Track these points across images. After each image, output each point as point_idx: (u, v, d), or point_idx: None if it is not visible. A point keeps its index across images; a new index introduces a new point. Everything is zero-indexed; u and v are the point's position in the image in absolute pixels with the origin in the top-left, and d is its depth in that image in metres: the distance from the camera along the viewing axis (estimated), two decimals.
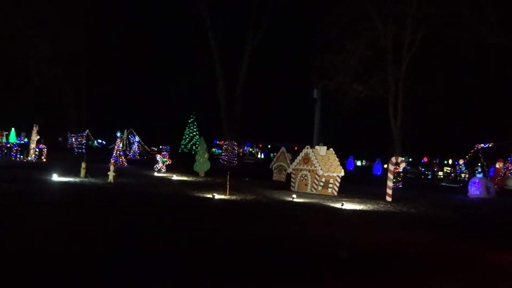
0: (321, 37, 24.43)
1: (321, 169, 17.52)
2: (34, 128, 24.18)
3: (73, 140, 35.91)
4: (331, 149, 18.14)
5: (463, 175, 35.24)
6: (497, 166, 26.70)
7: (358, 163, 55.03)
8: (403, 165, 18.21)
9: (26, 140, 28.04)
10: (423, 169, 40.74)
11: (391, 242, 9.06)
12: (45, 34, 33.33)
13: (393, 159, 17.65)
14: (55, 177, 15.56)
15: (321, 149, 18.16)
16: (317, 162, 17.73)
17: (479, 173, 21.39)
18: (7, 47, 32.03)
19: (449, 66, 25.30)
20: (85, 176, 16.83)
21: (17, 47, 32.64)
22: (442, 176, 36.76)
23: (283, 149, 24.18)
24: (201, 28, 34.92)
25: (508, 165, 28.02)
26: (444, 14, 22.17)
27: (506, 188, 26.06)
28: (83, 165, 17.06)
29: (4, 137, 26.77)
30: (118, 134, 25.40)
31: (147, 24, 37.10)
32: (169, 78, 44.29)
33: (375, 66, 23.75)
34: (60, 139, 37.91)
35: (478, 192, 20.47)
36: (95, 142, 47.59)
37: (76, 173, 17.14)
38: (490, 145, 26.62)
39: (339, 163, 18.12)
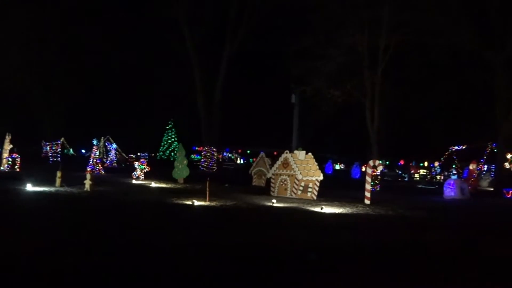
0: (297, 43, 24.65)
1: (300, 174, 17.63)
2: (7, 137, 23.57)
3: (48, 148, 35.13)
4: (310, 154, 18.28)
5: (438, 177, 36.09)
6: (470, 167, 27.42)
7: (337, 167, 55.67)
8: (380, 168, 18.47)
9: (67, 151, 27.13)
10: (399, 172, 41.54)
11: (370, 244, 9.16)
12: (17, 41, 32.60)
13: (371, 163, 17.89)
14: (29, 187, 15.18)
15: (300, 154, 18.27)
16: (296, 166, 17.83)
17: (454, 174, 21.87)
18: None
19: (423, 71, 25.91)
20: (61, 185, 16.47)
21: None
22: (418, 178, 37.55)
23: (262, 154, 24.29)
24: (178, 35, 34.75)
25: (481, 166, 28.84)
26: (418, 21, 22.71)
27: (480, 189, 26.81)
28: (59, 174, 16.70)
29: None
30: (95, 142, 25.05)
31: (124, 31, 36.67)
32: (146, 85, 43.89)
33: (351, 72, 24.10)
34: (34, 147, 37.03)
35: (453, 193, 20.92)
36: (70, 150, 46.73)
37: (52, 183, 16.75)
38: (463, 147, 27.34)
39: (318, 167, 18.26)
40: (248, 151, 49.74)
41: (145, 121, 47.64)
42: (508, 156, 24.56)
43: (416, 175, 38.94)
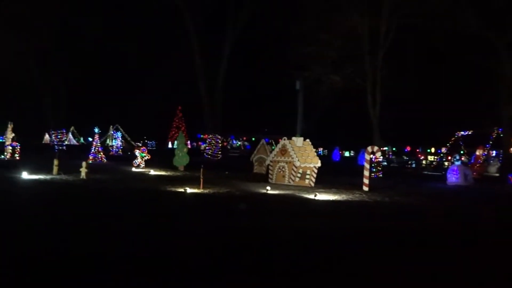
0: (297, 28, 24.21)
1: (298, 160, 17.42)
2: (9, 125, 23.74)
3: (53, 137, 35.42)
4: (308, 140, 18.05)
5: (446, 163, 35.52)
6: (477, 153, 26.90)
7: (346, 153, 55.19)
8: (379, 154, 18.17)
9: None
10: (407, 158, 40.97)
11: (347, 231, 8.99)
12: (18, 28, 32.67)
13: (369, 149, 17.59)
14: (25, 175, 15.26)
15: (298, 140, 18.04)
16: (294, 153, 17.62)
17: (457, 160, 21.43)
18: None
19: (426, 55, 25.34)
20: (58, 173, 16.55)
21: None
22: (425, 165, 37.01)
23: (263, 141, 24.08)
24: (180, 21, 34.48)
25: (488, 152, 28.27)
26: (419, 3, 22.09)
27: (486, 175, 26.27)
28: (56, 162, 16.78)
29: None
30: (96, 130, 25.10)
31: (126, 17, 36.52)
32: (151, 74, 43.86)
33: (352, 56, 23.62)
34: (45, 137, 37.42)
35: (456, 180, 20.53)
36: (81, 139, 47.18)
37: (49, 171, 16.84)
38: (470, 133, 26.80)
39: (315, 153, 18.04)
40: (253, 139, 49.55)
41: (152, 110, 47.78)
42: None
43: (424, 162, 38.39)
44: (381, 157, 22.75)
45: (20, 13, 32.18)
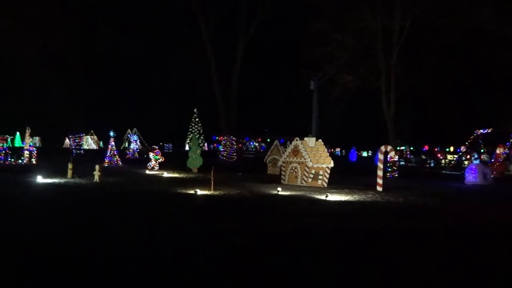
0: (310, 29, 24.04)
1: (311, 161, 17.25)
2: (27, 131, 24.24)
3: (71, 141, 36.03)
4: (320, 140, 17.87)
5: (466, 162, 34.71)
6: (497, 151, 26.18)
7: (364, 154, 54.54)
8: (392, 153, 17.84)
9: (31, 144, 28.03)
10: (426, 158, 40.23)
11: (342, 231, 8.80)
12: (37, 36, 33.35)
13: (382, 148, 17.30)
14: (40, 179, 15.51)
15: (310, 141, 17.87)
16: (307, 153, 17.46)
17: (476, 159, 20.89)
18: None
19: (442, 53, 24.74)
20: (72, 177, 16.79)
21: (8, 49, 32.75)
22: (444, 164, 36.27)
23: (276, 142, 24.02)
24: (194, 24, 34.68)
25: (511, 150, 27.47)
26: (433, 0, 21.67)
27: (507, 174, 25.52)
28: (70, 165, 17.03)
29: (6, 142, 26.85)
30: (111, 134, 25.41)
31: (141, 21, 36.93)
32: (166, 77, 44.23)
33: (365, 56, 23.31)
34: (65, 141, 38.03)
35: (474, 179, 20.02)
36: (101, 143, 47.86)
37: (64, 174, 17.09)
38: (489, 131, 26.12)
39: (328, 154, 17.84)
40: (268, 140, 49.44)
41: (168, 113, 48.16)
42: None
43: (443, 161, 37.65)
44: (397, 157, 22.30)
45: (38, 17, 32.86)
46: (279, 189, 14.93)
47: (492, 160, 26.36)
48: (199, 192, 13.69)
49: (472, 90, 29.45)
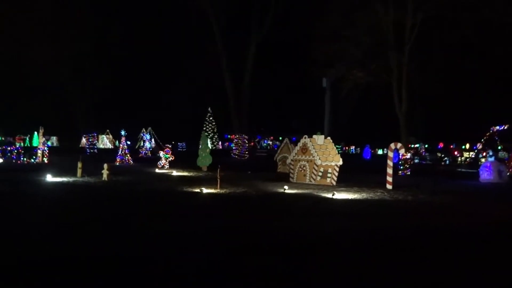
0: (321, 26, 23.77)
1: (319, 159, 17.08)
2: (41, 130, 24.56)
3: (85, 140, 36.46)
4: (329, 138, 17.66)
5: (483, 160, 33.93)
6: None
7: (380, 151, 53.89)
8: (403, 150, 17.51)
9: (49, 143, 28.48)
10: (442, 155, 39.47)
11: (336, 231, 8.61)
12: (50, 36, 33.83)
13: (392, 145, 16.98)
14: (49, 178, 15.67)
15: (319, 138, 17.68)
16: (315, 151, 17.29)
17: (491, 156, 20.39)
18: (13, 51, 32.72)
19: (455, 48, 24.15)
20: (82, 176, 16.93)
21: (22, 50, 33.30)
22: (460, 162, 35.54)
23: (286, 140, 23.80)
24: (206, 24, 34.70)
25: None
26: None
27: None
28: (79, 164, 17.18)
29: (24, 142, 27.28)
30: (122, 133, 25.59)
31: (152, 22, 37.16)
32: (179, 76, 44.39)
33: (376, 52, 22.94)
34: (81, 140, 38.54)
35: (489, 177, 19.54)
36: (116, 142, 48.34)
37: (74, 173, 17.25)
38: (505, 127, 25.46)
39: (336, 151, 17.62)
40: (280, 138, 49.26)
41: (182, 112, 48.38)
42: None
43: (459, 158, 36.91)
44: (409, 154, 21.88)
45: (52, 19, 33.32)
46: (286, 187, 14.78)
47: (509, 157, 25.69)
48: (205, 190, 13.63)
49: (487, 86, 28.70)
